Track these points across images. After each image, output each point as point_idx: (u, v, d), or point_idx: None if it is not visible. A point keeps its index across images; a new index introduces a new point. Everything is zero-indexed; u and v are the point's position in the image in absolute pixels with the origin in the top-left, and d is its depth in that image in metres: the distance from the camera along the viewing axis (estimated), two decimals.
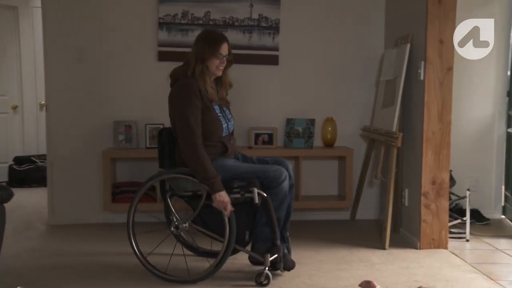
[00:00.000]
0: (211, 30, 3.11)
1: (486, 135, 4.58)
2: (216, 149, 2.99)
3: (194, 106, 2.87)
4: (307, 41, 4.48)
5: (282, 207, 2.93)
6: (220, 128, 3.00)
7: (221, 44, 2.96)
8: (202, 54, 2.93)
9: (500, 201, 4.64)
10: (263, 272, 2.85)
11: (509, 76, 4.51)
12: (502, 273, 3.10)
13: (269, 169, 2.91)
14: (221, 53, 2.96)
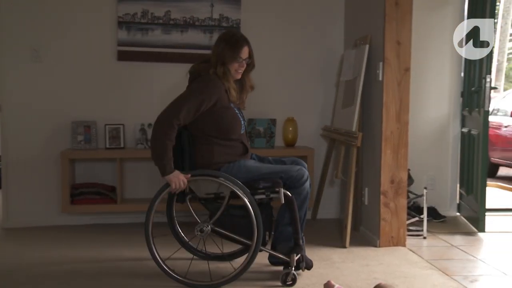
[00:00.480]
0: (233, 32, 3.04)
1: (442, 134, 4.70)
2: (237, 150, 2.97)
3: (200, 100, 2.82)
4: (267, 41, 4.50)
5: (304, 207, 2.94)
6: (239, 125, 2.98)
7: (242, 47, 2.92)
8: (223, 56, 2.91)
9: (455, 199, 4.77)
10: (289, 272, 2.83)
11: (463, 77, 4.64)
12: (456, 269, 3.18)
13: (292, 169, 2.89)
14: (241, 57, 2.93)
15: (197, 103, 2.82)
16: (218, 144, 2.90)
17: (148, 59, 4.30)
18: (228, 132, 2.92)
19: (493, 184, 6.87)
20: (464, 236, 4.02)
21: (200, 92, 2.85)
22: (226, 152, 2.91)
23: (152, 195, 4.33)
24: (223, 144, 2.92)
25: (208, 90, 2.85)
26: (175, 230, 3.24)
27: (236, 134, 2.96)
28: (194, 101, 2.82)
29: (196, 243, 3.21)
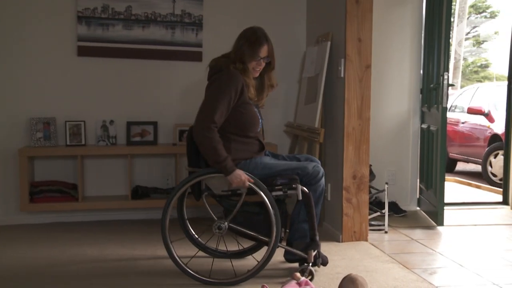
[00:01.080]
0: (254, 29, 2.95)
1: (402, 130, 4.79)
2: (253, 147, 2.94)
3: (227, 98, 2.78)
4: (230, 37, 4.42)
5: (319, 203, 2.95)
6: (257, 123, 2.95)
7: (261, 46, 2.89)
8: (241, 53, 2.88)
9: (416, 193, 4.87)
10: (306, 268, 2.83)
11: (422, 74, 4.74)
12: (416, 262, 3.25)
13: (308, 165, 2.88)
14: (260, 56, 2.89)
15: (226, 100, 2.78)
16: (235, 141, 2.87)
17: (109, 54, 4.23)
18: (246, 129, 2.89)
19: (452, 179, 7.04)
20: (424, 230, 4.11)
21: (226, 87, 2.80)
22: (243, 149, 2.88)
23: (114, 193, 4.33)
24: (240, 141, 2.89)
25: (233, 83, 2.81)
26: (189, 233, 3.22)
27: (254, 131, 2.94)
28: (223, 99, 2.78)
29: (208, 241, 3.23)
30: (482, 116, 7.46)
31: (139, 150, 4.17)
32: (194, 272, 2.86)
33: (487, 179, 6.95)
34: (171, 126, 4.39)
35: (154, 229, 4.02)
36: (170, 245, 2.89)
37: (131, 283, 2.82)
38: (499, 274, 3.05)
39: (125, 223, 4.22)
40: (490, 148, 7.02)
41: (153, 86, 4.38)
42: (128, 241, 3.67)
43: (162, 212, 2.89)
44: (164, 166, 4.43)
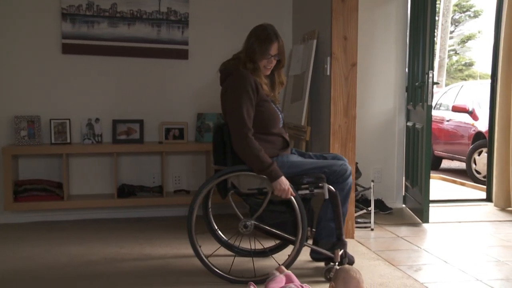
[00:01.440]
0: (265, 26, 2.91)
1: (388, 128, 4.81)
2: (278, 143, 2.91)
3: (248, 99, 2.77)
4: (216, 35, 4.48)
5: (346, 202, 2.92)
6: (278, 119, 2.93)
7: (272, 44, 2.85)
8: (252, 52, 2.85)
9: (401, 191, 4.90)
10: (332, 268, 2.80)
11: (407, 72, 4.77)
12: (401, 259, 3.28)
13: (335, 164, 2.86)
14: (270, 53, 2.86)
15: (248, 102, 2.77)
16: (259, 139, 2.82)
17: (95, 52, 4.20)
18: (268, 126, 2.87)
19: (437, 177, 7.11)
20: (409, 227, 4.14)
21: (242, 90, 2.77)
22: (268, 147, 2.84)
23: (100, 191, 4.30)
24: (264, 138, 2.85)
25: (247, 84, 2.78)
26: (212, 229, 3.19)
27: (276, 128, 2.91)
28: (245, 102, 2.76)
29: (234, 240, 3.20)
30: (467, 114, 7.54)
31: (125, 148, 4.15)
32: (220, 271, 2.85)
33: (471, 177, 7.02)
34: (157, 124, 4.38)
35: (140, 227, 4.01)
36: (196, 243, 2.87)
37: (118, 283, 2.80)
38: (482, 270, 3.08)
39: (111, 222, 4.19)
40: (474, 146, 7.09)
41: (139, 84, 4.36)
42: (114, 240, 3.65)
43: (189, 210, 2.86)
44: (151, 164, 4.41)
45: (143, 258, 3.24)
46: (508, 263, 3.21)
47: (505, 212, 4.77)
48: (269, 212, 2.86)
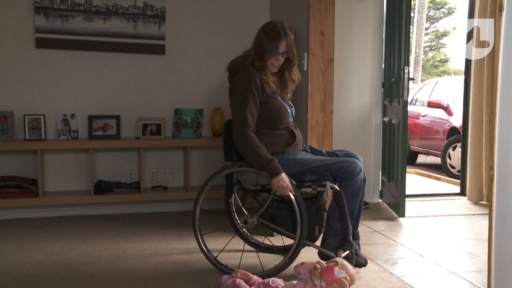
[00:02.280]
0: (275, 23, 2.87)
1: (365, 124, 4.86)
2: (284, 139, 2.87)
3: (252, 96, 2.77)
4: (193, 30, 4.46)
5: (355, 201, 2.82)
6: (286, 113, 2.89)
7: (280, 41, 2.82)
8: (261, 50, 2.82)
9: (378, 186, 4.95)
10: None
11: (383, 68, 4.81)
12: (378, 253, 3.31)
13: (343, 161, 2.78)
14: (279, 51, 2.83)
15: (252, 100, 2.77)
16: (265, 134, 2.82)
17: (70, 47, 4.14)
18: (276, 121, 2.85)
19: (413, 171, 7.20)
20: (386, 222, 4.19)
21: (246, 88, 2.78)
22: (273, 142, 2.83)
23: (76, 188, 4.25)
24: (271, 133, 2.84)
25: (252, 82, 2.78)
26: (232, 218, 3.14)
27: (284, 123, 2.89)
28: (248, 101, 2.76)
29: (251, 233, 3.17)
30: (442, 110, 7.65)
31: (102, 144, 4.10)
32: (223, 265, 2.85)
33: (446, 171, 7.13)
34: (134, 120, 4.34)
35: (117, 224, 3.98)
36: (199, 238, 2.88)
37: (94, 280, 2.78)
38: (456, 263, 3.14)
39: (87, 219, 4.15)
40: (449, 141, 7.20)
41: (115, 80, 4.32)
42: (91, 237, 3.61)
43: (194, 205, 2.90)
44: (128, 160, 4.38)
45: (120, 255, 3.21)
46: (480, 255, 3.27)
47: (478, 205, 4.86)
48: (278, 209, 2.85)
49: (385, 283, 2.73)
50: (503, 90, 1.98)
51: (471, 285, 2.76)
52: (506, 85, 1.96)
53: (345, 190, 2.77)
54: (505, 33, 1.94)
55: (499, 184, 2.01)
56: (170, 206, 4.39)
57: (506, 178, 1.97)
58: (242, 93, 2.79)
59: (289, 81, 2.99)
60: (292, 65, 2.95)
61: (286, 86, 2.99)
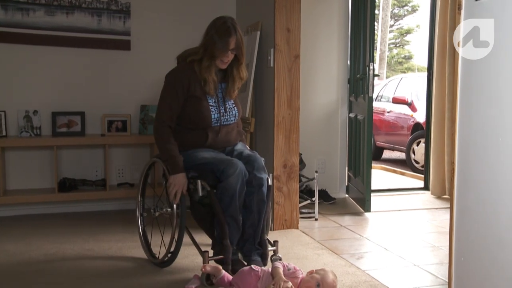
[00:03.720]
0: (225, 19, 2.81)
1: (331, 120, 4.90)
2: (198, 138, 2.84)
3: (174, 93, 2.81)
4: (159, 26, 4.41)
5: (233, 205, 2.62)
6: (207, 117, 2.81)
7: (231, 38, 2.76)
8: (212, 47, 2.78)
9: (344, 181, 5.01)
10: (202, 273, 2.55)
11: (349, 65, 4.86)
12: (344, 247, 3.36)
13: (223, 161, 2.66)
14: (229, 48, 2.78)
15: (174, 97, 2.81)
16: (180, 132, 2.86)
17: (31, 41, 4.05)
18: (195, 122, 2.83)
19: (378, 167, 7.31)
20: (352, 216, 4.24)
21: (170, 85, 2.84)
22: (186, 140, 2.84)
23: (40, 186, 4.17)
24: (183, 131, 2.85)
25: (178, 81, 2.82)
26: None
27: (203, 125, 2.83)
28: (170, 97, 2.82)
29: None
30: (406, 106, 7.78)
31: (66, 141, 4.03)
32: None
33: (410, 166, 7.26)
34: (99, 116, 4.27)
35: (83, 222, 3.92)
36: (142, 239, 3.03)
37: (60, 280, 2.73)
38: (419, 256, 3.20)
39: (51, 217, 4.08)
40: (413, 137, 7.33)
41: (79, 75, 4.24)
42: (55, 235, 3.55)
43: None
44: (93, 157, 4.31)
45: (86, 253, 3.16)
46: (442, 248, 3.35)
47: (441, 199, 4.97)
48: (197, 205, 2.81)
49: (351, 277, 2.77)
50: (463, 87, 2.03)
51: (433, 277, 2.83)
52: (465, 82, 2.01)
53: (223, 191, 2.62)
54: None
55: (460, 179, 2.06)
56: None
57: (466, 173, 2.02)
58: (166, 89, 2.86)
59: (237, 78, 2.94)
60: (239, 63, 2.90)
61: (234, 84, 2.93)
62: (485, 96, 1.91)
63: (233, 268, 2.60)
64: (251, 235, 2.73)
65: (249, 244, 2.73)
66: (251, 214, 2.72)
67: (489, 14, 1.86)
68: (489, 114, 1.89)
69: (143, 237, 3.12)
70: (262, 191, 2.72)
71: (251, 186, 2.70)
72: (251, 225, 2.72)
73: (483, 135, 1.92)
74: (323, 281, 2.33)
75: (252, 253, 2.72)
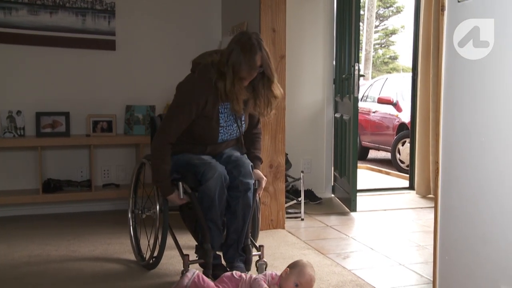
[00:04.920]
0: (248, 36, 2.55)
1: (317, 120, 4.92)
2: (193, 150, 2.71)
3: (186, 113, 2.58)
4: (145, 26, 4.40)
5: (213, 209, 2.56)
6: (214, 138, 2.69)
7: (256, 56, 2.51)
8: (238, 68, 2.50)
9: (330, 181, 5.03)
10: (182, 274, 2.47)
11: (334, 65, 4.88)
12: (330, 247, 3.37)
13: (205, 164, 2.58)
14: (256, 67, 2.54)
15: (186, 116, 2.59)
16: (181, 141, 2.67)
17: (13, 41, 4.01)
18: (197, 140, 2.70)
19: (364, 167, 7.35)
20: (338, 216, 4.26)
21: (187, 102, 2.58)
22: (182, 148, 2.70)
23: (24, 186, 4.13)
24: (184, 143, 2.69)
25: (195, 97, 2.58)
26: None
27: (206, 143, 2.72)
28: (182, 115, 2.59)
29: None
30: (391, 106, 7.83)
31: (50, 142, 3.99)
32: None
33: (396, 166, 7.31)
34: (84, 116, 4.24)
35: (68, 223, 3.89)
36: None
37: (43, 282, 2.70)
38: (405, 255, 3.23)
39: (36, 218, 4.04)
40: (398, 136, 7.38)
41: (64, 76, 4.21)
42: (40, 237, 3.51)
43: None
44: (78, 158, 4.28)
45: (71, 254, 3.14)
46: (427, 247, 3.37)
47: (426, 199, 5.01)
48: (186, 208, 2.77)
49: (337, 277, 2.78)
50: (446, 88, 2.04)
51: (418, 276, 2.85)
52: (449, 83, 2.02)
53: (203, 195, 2.56)
54: (447, 32, 2.01)
55: (444, 178, 2.08)
56: (122, 204, 4.31)
57: (450, 172, 2.04)
58: (179, 103, 2.63)
59: (271, 97, 2.66)
60: (270, 81, 2.63)
61: (260, 102, 2.67)
62: (468, 97, 1.93)
63: (214, 273, 2.56)
64: (234, 241, 2.68)
65: (233, 250, 2.68)
66: (236, 219, 2.66)
67: (471, 15, 1.88)
68: (472, 115, 1.91)
69: (133, 237, 3.09)
70: (247, 196, 2.65)
71: (237, 191, 2.65)
72: (234, 231, 2.67)
73: (467, 136, 1.94)
74: (300, 279, 2.28)
75: (235, 259, 2.67)
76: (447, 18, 2.01)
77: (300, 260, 2.39)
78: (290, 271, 2.32)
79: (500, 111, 1.79)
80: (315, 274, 2.35)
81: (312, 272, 2.33)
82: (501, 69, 1.78)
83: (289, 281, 2.29)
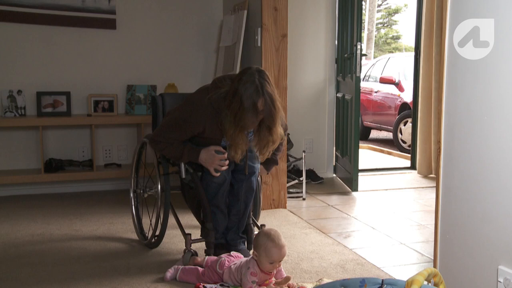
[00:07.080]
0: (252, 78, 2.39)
1: (319, 99, 4.90)
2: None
3: (183, 130, 2.50)
4: (145, 5, 4.36)
5: (218, 195, 2.57)
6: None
7: (259, 102, 2.36)
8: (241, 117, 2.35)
9: (332, 161, 5.03)
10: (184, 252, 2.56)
11: (336, 44, 4.85)
12: (332, 227, 3.38)
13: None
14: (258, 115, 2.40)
15: (182, 133, 2.51)
16: None
17: (14, 19, 3.98)
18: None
19: (366, 146, 7.34)
20: (340, 196, 4.27)
21: (187, 120, 2.49)
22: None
23: (25, 166, 4.14)
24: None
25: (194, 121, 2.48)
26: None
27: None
28: (179, 131, 2.51)
29: None
30: (393, 86, 7.79)
31: (51, 121, 3.99)
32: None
33: (397, 146, 7.30)
34: (85, 96, 4.23)
35: (70, 202, 3.90)
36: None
37: (46, 261, 2.72)
38: (406, 234, 3.24)
39: (38, 198, 4.05)
40: (400, 116, 7.36)
41: (64, 55, 4.18)
42: (42, 216, 3.53)
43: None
44: (79, 138, 4.28)
45: (73, 233, 3.16)
46: (428, 226, 3.39)
47: (427, 179, 5.01)
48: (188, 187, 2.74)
49: (338, 256, 2.79)
50: (449, 67, 2.03)
51: (419, 255, 2.86)
52: (452, 62, 2.01)
53: (209, 181, 2.55)
54: (451, 9, 1.98)
55: (446, 158, 2.08)
56: (124, 184, 4.33)
57: (452, 152, 2.04)
58: (179, 117, 2.52)
59: (270, 142, 2.51)
60: (269, 128, 2.46)
61: (261, 144, 2.52)
62: (471, 76, 1.91)
63: (216, 252, 2.56)
64: (235, 224, 2.67)
65: (233, 233, 2.68)
66: (238, 202, 2.65)
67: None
68: (474, 94, 1.90)
69: (135, 216, 3.09)
70: (251, 180, 2.63)
71: (241, 174, 2.63)
72: (236, 213, 2.66)
73: (469, 114, 1.93)
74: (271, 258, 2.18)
75: (237, 242, 2.67)
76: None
77: (260, 237, 2.23)
78: (258, 253, 2.19)
79: (503, 90, 1.78)
80: (280, 239, 2.19)
81: (276, 240, 2.18)
82: (505, 47, 1.76)
83: (263, 263, 2.19)
